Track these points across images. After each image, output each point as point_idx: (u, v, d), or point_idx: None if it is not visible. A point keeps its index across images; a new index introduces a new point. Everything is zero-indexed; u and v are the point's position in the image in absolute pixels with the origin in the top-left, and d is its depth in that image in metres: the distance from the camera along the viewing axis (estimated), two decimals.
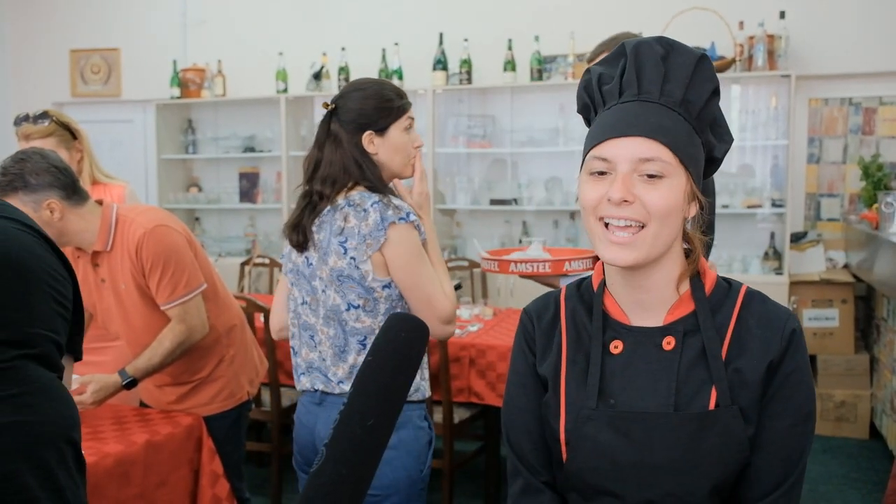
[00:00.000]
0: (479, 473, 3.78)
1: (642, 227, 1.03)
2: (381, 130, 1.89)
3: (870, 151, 4.76)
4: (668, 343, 1.08)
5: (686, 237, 1.11)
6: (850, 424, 4.41)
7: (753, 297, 1.12)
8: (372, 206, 1.79)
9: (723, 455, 1.04)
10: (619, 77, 1.07)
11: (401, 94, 1.97)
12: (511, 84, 5.13)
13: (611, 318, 1.13)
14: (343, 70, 5.42)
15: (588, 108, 1.13)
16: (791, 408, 1.06)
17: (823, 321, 4.51)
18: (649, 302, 1.10)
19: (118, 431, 2.15)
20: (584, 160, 1.09)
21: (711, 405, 1.05)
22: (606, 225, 1.04)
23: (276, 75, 5.58)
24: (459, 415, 3.33)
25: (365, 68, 5.44)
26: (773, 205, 4.69)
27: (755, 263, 4.73)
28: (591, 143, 1.07)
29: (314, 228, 1.86)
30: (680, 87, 1.05)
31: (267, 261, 5.10)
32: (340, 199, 1.83)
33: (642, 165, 1.02)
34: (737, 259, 4.79)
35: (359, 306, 1.82)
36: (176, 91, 5.82)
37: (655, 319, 1.10)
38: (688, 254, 1.12)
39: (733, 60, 4.63)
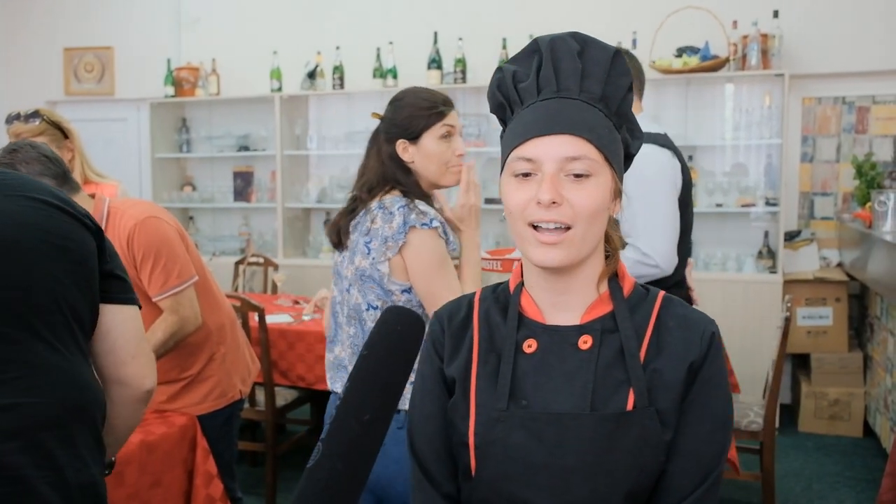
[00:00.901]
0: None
1: (568, 228, 0.99)
2: (413, 138, 1.91)
3: (863, 150, 4.78)
4: (585, 342, 1.04)
5: (606, 236, 1.08)
6: (844, 423, 4.42)
7: (672, 300, 1.09)
8: (398, 209, 1.82)
9: (638, 459, 1.00)
10: (535, 74, 1.03)
11: (437, 103, 1.94)
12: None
13: (526, 318, 1.09)
14: (337, 69, 5.41)
15: (503, 107, 1.08)
16: (709, 414, 1.03)
17: (817, 320, 4.52)
18: (569, 302, 1.07)
19: None
20: (504, 161, 1.05)
21: (629, 406, 1.01)
22: (536, 227, 1.01)
23: (271, 74, 5.57)
24: None
25: (359, 67, 5.44)
26: (767, 203, 4.70)
27: (749, 262, 4.74)
28: (514, 142, 1.02)
29: (350, 229, 1.91)
30: (598, 82, 1.02)
31: (261, 260, 5.09)
32: (374, 203, 1.88)
33: (568, 165, 0.99)
34: (731, 258, 4.80)
35: (377, 307, 1.85)
36: (170, 90, 5.80)
37: (572, 319, 1.07)
38: (608, 254, 1.09)
39: (727, 60, 4.63)
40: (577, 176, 0.99)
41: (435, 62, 5.20)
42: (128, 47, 6.23)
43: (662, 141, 2.38)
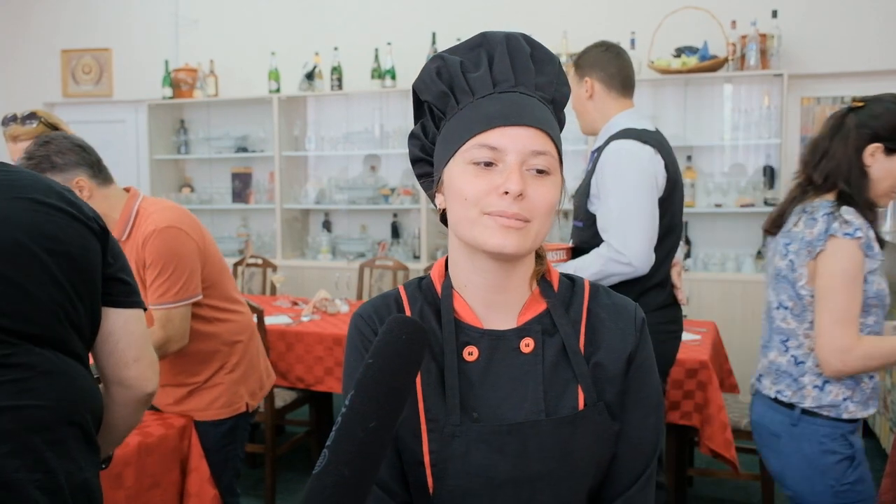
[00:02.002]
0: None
1: (527, 222, 0.96)
2: (890, 150, 1.85)
3: None
4: (527, 345, 1.02)
5: None
6: None
7: (598, 289, 1.09)
8: (822, 216, 1.83)
9: (595, 455, 1.01)
10: (487, 66, 1.00)
11: None
12: None
13: (462, 323, 1.03)
14: (336, 70, 5.41)
15: (446, 95, 1.01)
16: (643, 399, 1.05)
17: None
18: (504, 302, 1.03)
19: None
20: (454, 148, 0.99)
21: (580, 405, 1.00)
22: (499, 216, 0.97)
23: (269, 75, 5.57)
24: None
25: (358, 68, 5.44)
26: (766, 203, 4.70)
27: (748, 262, 4.74)
28: (474, 130, 0.97)
29: (790, 218, 1.95)
30: (550, 84, 1.02)
31: (260, 261, 5.09)
32: (799, 206, 1.93)
33: (532, 159, 0.96)
34: (730, 258, 4.80)
35: (788, 308, 1.92)
36: (168, 91, 5.80)
37: (508, 321, 1.03)
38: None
39: (726, 60, 4.64)
40: (539, 172, 0.97)
41: None
42: (126, 49, 6.22)
43: (646, 137, 2.32)
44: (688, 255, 4.90)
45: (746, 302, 4.52)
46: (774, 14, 4.58)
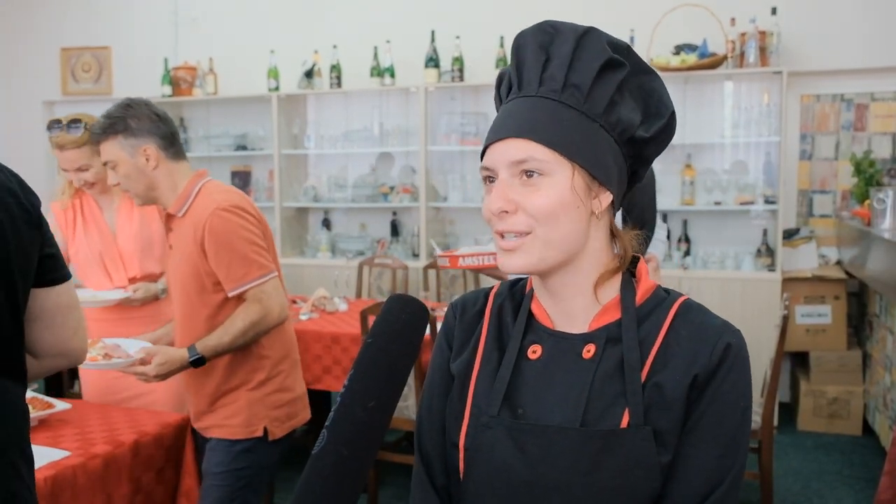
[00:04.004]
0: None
1: (528, 234, 0.94)
2: None
3: (862, 148, 4.77)
4: (588, 351, 0.97)
5: (614, 236, 1.00)
6: (843, 421, 4.41)
7: (691, 308, 0.98)
8: None
9: (627, 481, 0.90)
10: (510, 74, 1.01)
11: None
12: None
13: (535, 321, 1.02)
14: (335, 68, 5.40)
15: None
16: (719, 435, 0.92)
17: (816, 318, 4.51)
18: (570, 309, 1.00)
19: (106, 432, 2.14)
20: None
21: (623, 424, 0.91)
22: (502, 235, 0.96)
23: (268, 73, 5.56)
24: None
25: (357, 66, 5.43)
26: (766, 201, 4.69)
27: (748, 260, 4.73)
28: (482, 151, 0.99)
29: None
30: (560, 71, 0.95)
31: None
32: None
33: (517, 167, 0.93)
34: (729, 256, 4.78)
35: None
36: (167, 89, 5.79)
37: (580, 327, 0.99)
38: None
39: (725, 57, 4.62)
40: (529, 176, 0.93)
41: (432, 60, 5.19)
42: (125, 47, 6.22)
43: None
44: (687, 253, 4.89)
45: (746, 300, 4.51)
46: (774, 11, 4.57)
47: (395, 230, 5.58)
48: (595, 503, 0.92)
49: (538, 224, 0.93)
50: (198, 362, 2.09)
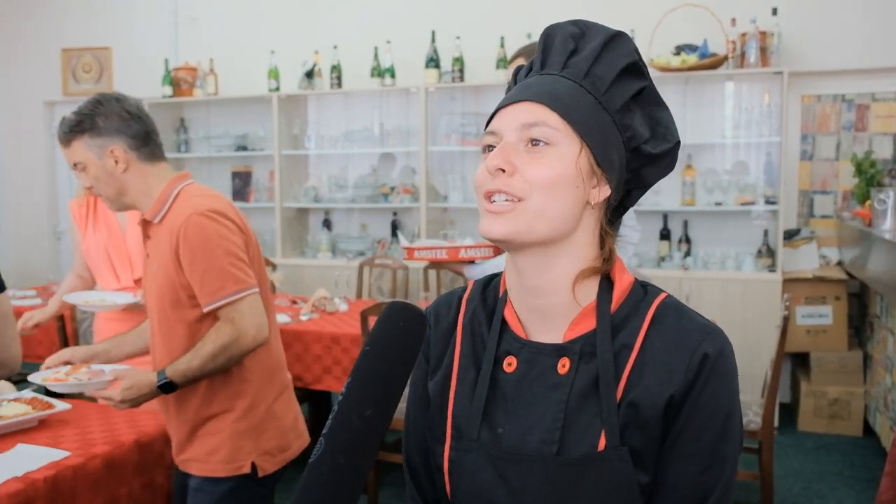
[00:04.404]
0: None
1: (521, 200, 0.89)
2: None
3: (862, 148, 4.76)
4: (563, 366, 0.92)
5: (601, 235, 0.95)
6: (844, 422, 4.41)
7: (668, 311, 0.93)
8: None
9: (608, 503, 0.88)
10: (533, 60, 1.00)
11: None
12: (503, 82, 5.11)
13: (509, 330, 0.97)
14: (335, 68, 5.40)
15: None
16: (701, 450, 0.88)
17: (817, 318, 4.51)
18: (547, 310, 0.94)
19: (106, 432, 2.14)
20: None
21: (601, 446, 0.88)
22: (491, 199, 0.91)
23: (269, 74, 5.56)
24: None
25: (357, 66, 5.43)
26: (767, 202, 4.68)
27: (748, 261, 4.72)
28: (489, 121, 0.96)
29: None
30: (586, 60, 0.94)
31: None
32: None
33: (527, 131, 0.90)
34: (730, 256, 4.78)
35: None
36: (168, 90, 5.79)
37: (556, 335, 0.94)
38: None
39: (725, 57, 4.62)
40: (535, 144, 0.89)
41: (433, 61, 5.19)
42: (126, 47, 6.22)
43: None
44: (688, 254, 4.89)
45: (747, 301, 4.50)
46: (774, 11, 4.57)
47: (395, 230, 5.58)
48: None
49: (534, 192, 0.89)
50: (166, 388, 1.88)
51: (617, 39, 0.96)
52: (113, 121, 1.93)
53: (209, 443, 1.95)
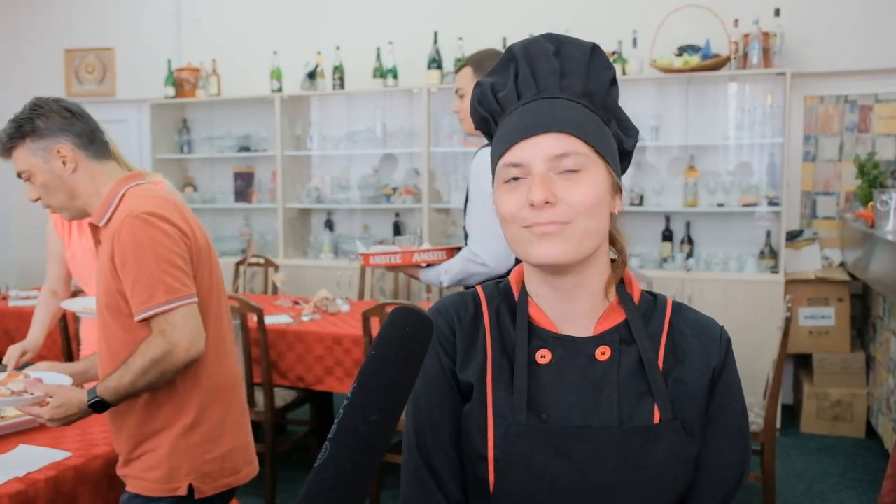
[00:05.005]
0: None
1: (567, 224, 0.94)
2: None
3: (865, 149, 4.75)
4: (603, 353, 1.00)
5: (612, 240, 1.04)
6: (846, 423, 4.40)
7: (682, 306, 1.06)
8: None
9: (668, 473, 0.97)
10: (513, 81, 1.01)
11: None
12: None
13: (536, 326, 1.02)
14: (338, 69, 5.41)
15: (487, 121, 1.05)
16: (732, 424, 1.02)
17: (819, 320, 4.50)
18: (578, 311, 1.01)
19: (107, 433, 2.14)
20: (494, 171, 1.01)
21: (656, 419, 0.97)
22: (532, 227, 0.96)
23: (271, 74, 5.57)
24: None
25: (360, 67, 5.44)
26: (769, 203, 4.68)
27: (751, 262, 4.72)
28: (500, 150, 0.98)
29: None
30: (579, 79, 0.99)
31: (262, 261, 5.09)
32: None
33: (558, 162, 0.94)
34: (732, 258, 4.78)
35: None
36: (170, 90, 5.80)
37: (584, 330, 1.01)
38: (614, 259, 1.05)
39: (728, 58, 4.62)
40: (570, 172, 0.94)
41: (435, 62, 5.19)
42: (128, 48, 6.23)
43: None
44: (690, 255, 4.88)
45: (749, 302, 4.50)
46: (777, 12, 4.56)
47: (397, 231, 5.58)
48: (642, 497, 0.97)
49: (579, 216, 0.94)
50: (98, 406, 1.76)
51: (597, 52, 1.01)
52: (54, 120, 1.85)
53: (148, 460, 1.84)
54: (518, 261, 1.13)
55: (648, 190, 4.94)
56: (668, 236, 4.97)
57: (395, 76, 5.30)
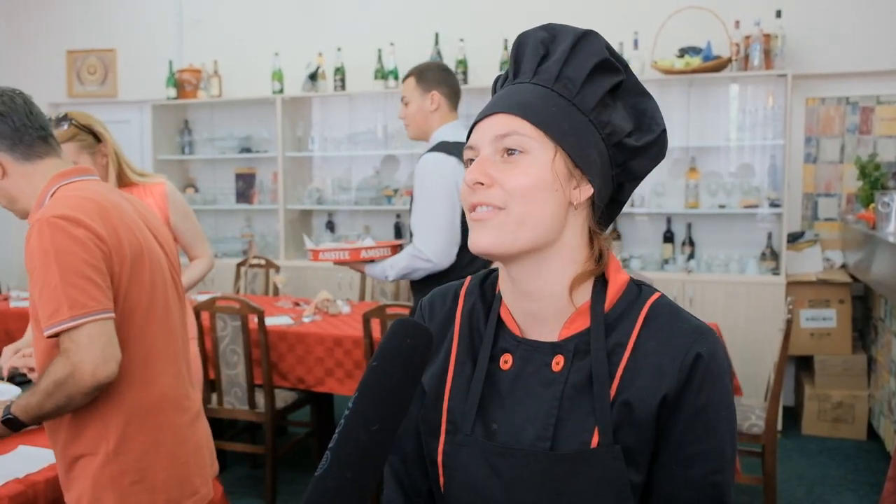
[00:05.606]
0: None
1: (500, 209, 0.91)
2: None
3: (867, 151, 4.75)
4: (557, 363, 0.93)
5: (590, 236, 0.96)
6: (848, 425, 4.39)
7: (661, 311, 0.93)
8: None
9: (598, 501, 0.89)
10: (507, 70, 1.01)
11: None
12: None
13: (505, 328, 0.99)
14: (339, 70, 5.41)
15: None
16: (705, 452, 0.89)
17: (821, 321, 4.49)
18: (541, 313, 0.95)
19: None
20: None
21: (594, 443, 0.89)
22: (474, 209, 0.93)
23: (272, 76, 5.57)
24: None
25: (361, 68, 5.44)
26: (771, 205, 4.67)
27: (752, 264, 4.71)
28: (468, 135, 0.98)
29: None
30: (556, 64, 0.95)
31: (263, 262, 5.09)
32: None
33: (501, 142, 0.91)
34: (734, 259, 4.77)
35: None
36: (172, 92, 5.81)
37: (550, 334, 0.95)
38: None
39: (729, 60, 4.61)
40: (510, 154, 0.91)
41: None
42: (130, 49, 6.24)
43: (452, 149, 2.62)
44: (691, 256, 4.88)
45: (750, 303, 4.49)
46: (778, 14, 4.56)
47: (399, 233, 5.58)
48: None
49: (513, 201, 0.90)
50: (11, 424, 1.59)
51: (586, 39, 0.97)
52: None
53: (76, 489, 1.64)
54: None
55: (649, 191, 4.94)
56: (669, 238, 4.97)
57: (396, 77, 5.30)
